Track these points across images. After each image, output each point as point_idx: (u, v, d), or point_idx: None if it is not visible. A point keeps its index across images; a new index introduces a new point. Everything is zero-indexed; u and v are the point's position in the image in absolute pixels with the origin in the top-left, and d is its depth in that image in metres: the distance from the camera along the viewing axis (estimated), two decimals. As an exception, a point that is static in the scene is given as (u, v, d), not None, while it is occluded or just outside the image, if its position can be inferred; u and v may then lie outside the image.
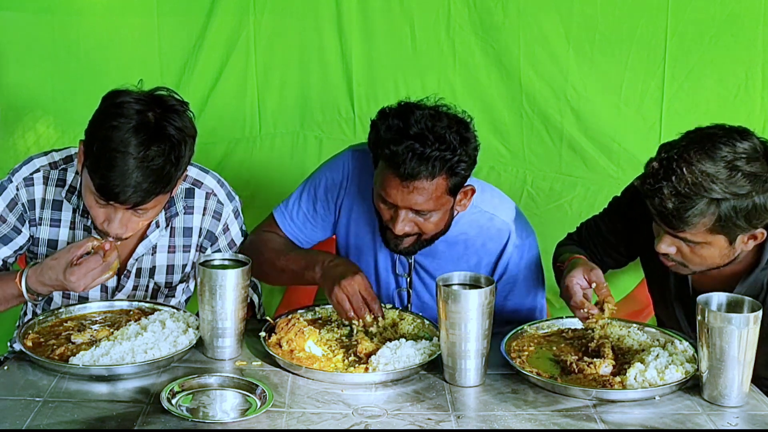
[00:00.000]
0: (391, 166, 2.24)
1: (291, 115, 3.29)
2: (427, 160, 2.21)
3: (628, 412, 1.99)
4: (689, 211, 2.06)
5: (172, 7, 3.14)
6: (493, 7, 3.12)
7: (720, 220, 2.08)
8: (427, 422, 1.93)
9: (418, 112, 2.25)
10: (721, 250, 2.16)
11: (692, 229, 2.10)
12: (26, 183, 2.38)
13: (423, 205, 2.27)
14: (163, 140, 2.13)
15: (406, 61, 3.20)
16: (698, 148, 2.08)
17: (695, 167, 2.06)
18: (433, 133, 2.22)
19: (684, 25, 3.04)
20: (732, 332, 1.95)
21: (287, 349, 2.20)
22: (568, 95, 3.15)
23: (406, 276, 2.56)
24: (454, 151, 2.23)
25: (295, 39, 3.22)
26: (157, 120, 2.14)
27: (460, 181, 2.31)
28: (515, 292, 2.53)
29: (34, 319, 2.28)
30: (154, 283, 2.50)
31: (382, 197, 2.31)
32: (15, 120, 3.13)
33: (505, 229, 2.49)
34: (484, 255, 2.50)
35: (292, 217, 2.57)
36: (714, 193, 2.05)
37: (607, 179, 3.15)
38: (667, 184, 2.07)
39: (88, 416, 1.90)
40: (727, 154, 2.06)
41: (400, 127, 2.24)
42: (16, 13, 3.09)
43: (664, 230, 2.16)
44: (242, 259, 2.24)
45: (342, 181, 2.52)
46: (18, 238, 2.40)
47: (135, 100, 2.16)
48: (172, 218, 2.44)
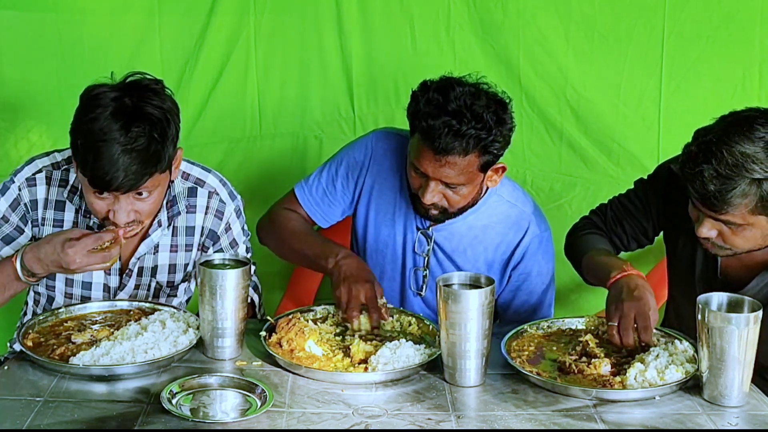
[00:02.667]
0: (426, 139, 2.29)
1: (291, 115, 3.29)
2: (462, 137, 2.26)
3: (628, 412, 1.99)
4: (731, 192, 2.06)
5: (173, 6, 3.14)
6: (492, 7, 3.12)
7: (762, 201, 2.08)
8: (427, 422, 1.93)
9: (459, 89, 2.30)
10: (764, 230, 2.16)
11: (734, 210, 2.09)
12: (29, 183, 2.38)
13: (454, 178, 2.33)
14: (142, 120, 2.14)
15: (406, 61, 3.20)
16: (736, 130, 2.08)
17: (735, 148, 2.06)
18: (471, 111, 2.27)
19: (681, 25, 3.05)
20: (732, 332, 1.95)
21: (287, 348, 2.20)
22: (567, 95, 3.15)
23: (424, 255, 2.58)
24: (490, 130, 2.28)
25: (295, 39, 3.22)
26: (134, 103, 2.16)
27: (492, 160, 2.36)
28: (527, 284, 2.57)
29: (34, 319, 2.28)
30: (156, 282, 2.50)
31: (415, 166, 2.36)
32: (9, 128, 3.13)
33: (526, 219, 2.54)
34: (502, 242, 2.54)
35: (311, 192, 2.62)
36: (755, 173, 2.05)
37: (607, 179, 3.15)
38: (708, 167, 2.07)
39: (88, 416, 1.90)
40: (765, 134, 2.07)
41: (440, 101, 2.29)
42: (18, 12, 3.08)
43: (704, 214, 2.16)
44: (242, 259, 2.24)
45: (364, 161, 2.58)
46: (20, 237, 2.41)
47: (110, 89, 2.18)
48: (175, 217, 2.44)
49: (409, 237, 2.58)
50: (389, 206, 2.57)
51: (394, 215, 2.57)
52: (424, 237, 2.56)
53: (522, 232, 2.54)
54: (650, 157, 3.03)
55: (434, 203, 2.39)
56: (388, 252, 2.61)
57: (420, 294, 2.61)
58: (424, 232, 2.55)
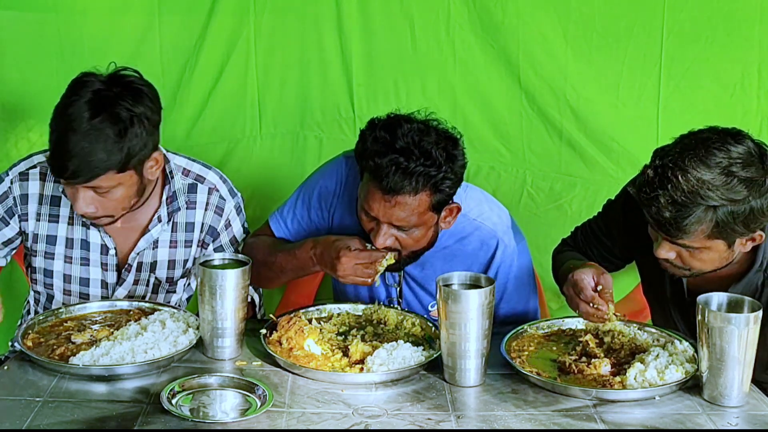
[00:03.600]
0: (374, 179, 2.22)
1: (291, 115, 3.29)
2: (411, 174, 2.18)
3: (628, 412, 1.99)
4: (686, 219, 2.05)
5: (173, 6, 3.14)
6: (492, 7, 3.12)
7: (718, 226, 2.06)
8: (427, 422, 1.93)
9: (406, 126, 2.23)
10: (721, 253, 2.15)
11: (690, 237, 2.09)
12: (21, 178, 2.40)
13: (404, 220, 2.25)
14: (109, 115, 2.17)
15: (406, 61, 3.19)
16: (693, 155, 2.05)
17: (690, 174, 2.03)
18: (419, 148, 2.19)
19: (680, 24, 3.04)
20: (732, 332, 1.95)
21: (287, 347, 2.20)
22: (567, 95, 3.14)
23: (396, 286, 2.56)
24: (440, 167, 2.21)
25: (295, 39, 3.22)
26: (111, 97, 2.18)
27: (445, 198, 2.29)
28: (506, 299, 2.52)
29: (34, 319, 2.28)
30: (155, 277, 2.50)
31: (365, 209, 2.29)
32: (10, 127, 3.13)
33: (493, 237, 2.47)
34: (473, 263, 2.47)
35: (286, 223, 2.56)
36: (711, 201, 2.03)
37: (607, 179, 3.15)
38: (663, 193, 2.05)
39: (88, 416, 1.90)
40: (722, 159, 2.04)
41: (387, 139, 2.21)
42: (18, 12, 3.09)
43: (662, 237, 2.16)
44: (242, 259, 2.24)
45: (335, 189, 2.51)
46: (5, 229, 2.43)
47: (98, 79, 2.22)
48: (175, 213, 2.45)
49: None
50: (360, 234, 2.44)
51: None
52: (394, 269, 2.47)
53: (491, 250, 2.47)
54: (649, 157, 3.03)
55: (388, 247, 2.31)
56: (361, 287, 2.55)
57: None
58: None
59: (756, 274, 2.23)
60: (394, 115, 2.29)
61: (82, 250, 2.45)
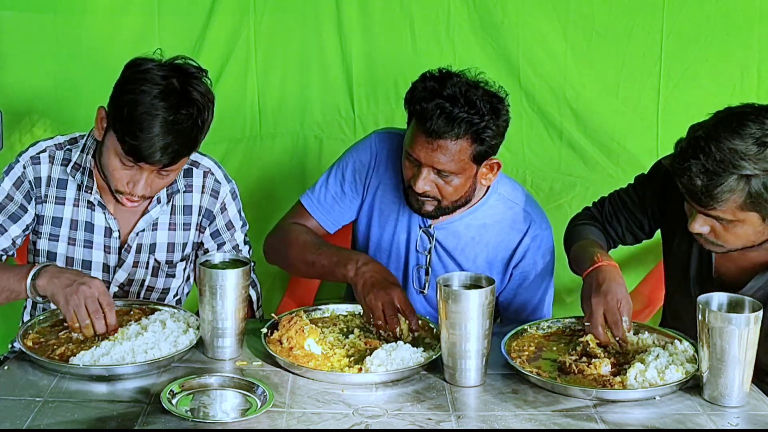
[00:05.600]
0: (419, 121, 2.31)
1: (291, 115, 3.28)
2: (454, 120, 2.27)
3: (628, 412, 1.99)
4: (718, 188, 2.06)
5: (173, 6, 3.14)
6: (492, 7, 3.12)
7: (751, 197, 2.07)
8: (427, 422, 1.93)
9: (456, 78, 2.33)
10: (755, 227, 2.15)
11: (722, 206, 2.09)
12: (33, 162, 2.43)
13: (445, 165, 2.33)
14: (190, 104, 2.23)
15: (406, 61, 3.19)
16: (726, 126, 2.07)
17: (723, 144, 2.05)
18: (465, 97, 2.29)
19: (680, 25, 3.05)
20: (732, 332, 1.95)
21: (287, 346, 2.20)
22: (567, 94, 3.15)
23: (426, 254, 2.58)
24: (483, 116, 2.29)
25: (295, 39, 3.22)
26: (182, 85, 2.23)
27: (486, 150, 2.35)
28: (528, 283, 2.57)
29: (34, 319, 2.28)
30: (154, 259, 2.51)
31: (408, 153, 2.37)
32: (15, 121, 3.13)
33: (526, 219, 2.54)
34: (503, 241, 2.54)
35: (320, 200, 2.61)
36: (743, 170, 2.04)
37: (607, 179, 3.15)
38: (696, 162, 2.07)
39: (88, 416, 1.90)
40: (756, 131, 2.06)
41: (435, 87, 2.31)
42: (17, 12, 3.09)
43: (696, 209, 2.16)
44: (242, 259, 2.24)
45: (370, 161, 2.58)
46: (25, 216, 2.43)
47: (158, 67, 2.25)
48: (174, 195, 2.48)
49: (412, 235, 2.57)
50: (393, 205, 2.57)
51: (397, 214, 2.57)
52: (426, 235, 2.56)
53: (522, 232, 2.54)
54: (649, 157, 3.02)
55: (426, 192, 2.38)
56: (393, 250, 2.61)
57: (423, 292, 2.61)
58: (425, 230, 2.55)
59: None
60: (446, 69, 2.37)
61: (86, 232, 2.46)
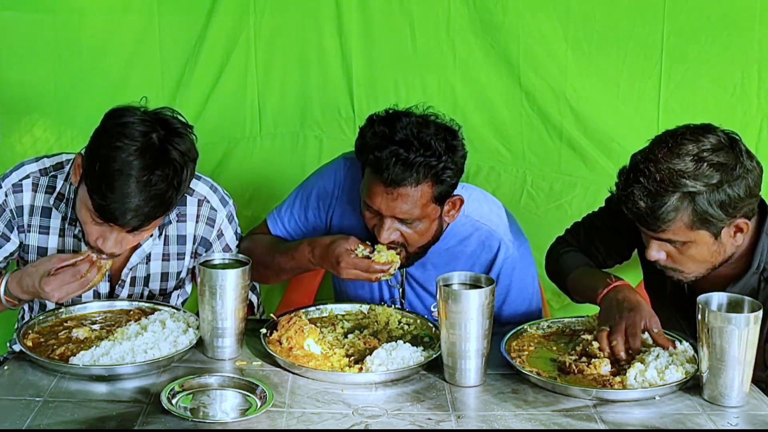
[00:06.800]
0: (375, 173, 2.23)
1: (291, 115, 3.28)
2: (411, 165, 2.19)
3: (628, 412, 1.99)
4: (662, 209, 2.08)
5: (173, 6, 3.14)
6: (492, 7, 3.12)
7: (697, 215, 2.09)
8: (427, 422, 1.93)
9: (405, 119, 2.24)
10: (709, 246, 2.16)
11: (670, 225, 2.11)
12: (15, 189, 2.35)
13: (408, 213, 2.26)
14: (166, 165, 2.10)
15: (406, 61, 3.19)
16: (663, 147, 2.11)
17: (662, 165, 2.09)
18: (419, 139, 2.20)
19: (680, 25, 3.04)
20: (732, 332, 1.95)
21: (286, 346, 2.20)
22: (567, 95, 3.14)
23: (399, 287, 2.55)
24: (440, 157, 2.21)
25: (295, 39, 3.22)
26: (161, 142, 2.11)
27: (447, 190, 2.29)
28: (509, 302, 2.52)
29: (34, 319, 2.28)
30: (149, 291, 2.49)
31: (368, 205, 2.29)
32: (14, 121, 3.13)
33: (496, 239, 2.47)
34: (475, 265, 2.47)
35: (283, 223, 2.56)
36: (685, 187, 2.07)
37: (607, 179, 3.10)
38: (638, 186, 2.10)
39: (88, 416, 1.90)
40: (692, 148, 2.09)
41: (386, 133, 2.22)
42: (17, 12, 3.09)
43: (648, 235, 2.17)
44: (242, 259, 2.24)
45: (334, 190, 2.51)
46: (7, 245, 2.39)
47: (140, 120, 2.12)
48: (165, 226, 2.42)
49: None
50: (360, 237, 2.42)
51: None
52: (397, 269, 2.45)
53: (493, 252, 2.47)
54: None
55: (393, 241, 2.30)
56: (365, 285, 2.56)
57: None
58: None
59: (752, 276, 2.23)
60: (393, 110, 2.30)
61: None
